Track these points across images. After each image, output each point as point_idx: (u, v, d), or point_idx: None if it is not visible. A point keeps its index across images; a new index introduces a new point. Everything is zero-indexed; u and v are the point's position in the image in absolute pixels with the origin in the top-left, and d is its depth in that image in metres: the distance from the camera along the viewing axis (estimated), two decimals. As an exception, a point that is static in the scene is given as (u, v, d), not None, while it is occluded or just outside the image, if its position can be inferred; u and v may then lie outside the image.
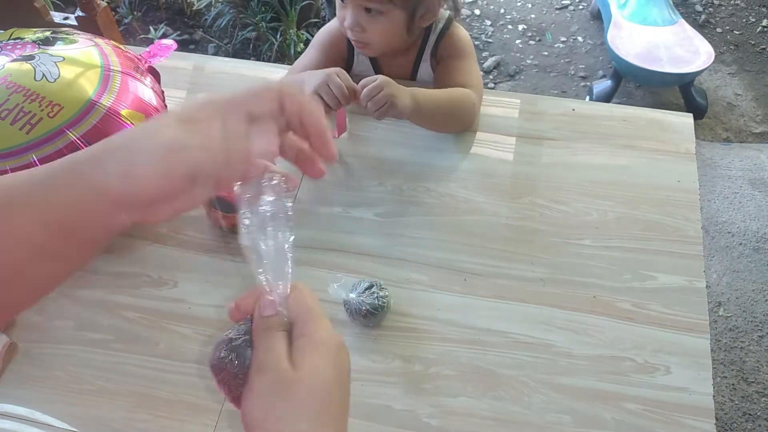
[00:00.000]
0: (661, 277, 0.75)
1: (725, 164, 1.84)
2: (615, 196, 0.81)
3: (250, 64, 1.00)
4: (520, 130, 0.88)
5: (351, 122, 0.90)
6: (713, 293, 1.58)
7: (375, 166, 0.85)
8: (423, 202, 0.82)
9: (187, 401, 0.69)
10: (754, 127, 2.06)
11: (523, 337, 0.71)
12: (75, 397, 0.69)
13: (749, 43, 2.28)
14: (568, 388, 0.68)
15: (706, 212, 1.70)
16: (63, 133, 0.67)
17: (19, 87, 0.68)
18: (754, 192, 1.76)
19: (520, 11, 2.44)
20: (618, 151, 0.85)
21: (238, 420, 0.70)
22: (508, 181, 0.83)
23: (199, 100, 0.37)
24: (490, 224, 0.79)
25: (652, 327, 0.71)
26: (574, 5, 2.44)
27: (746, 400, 1.42)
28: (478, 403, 0.67)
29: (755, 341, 1.51)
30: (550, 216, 0.80)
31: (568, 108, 0.90)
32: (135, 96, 0.73)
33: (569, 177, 0.83)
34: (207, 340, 0.72)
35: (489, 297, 0.74)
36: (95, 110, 0.69)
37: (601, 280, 0.75)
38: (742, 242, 1.65)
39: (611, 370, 0.69)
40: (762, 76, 2.19)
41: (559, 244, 0.78)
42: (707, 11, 2.36)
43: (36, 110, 0.66)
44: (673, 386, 0.68)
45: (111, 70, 0.73)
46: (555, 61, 2.28)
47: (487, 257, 0.77)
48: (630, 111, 0.90)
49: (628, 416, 0.66)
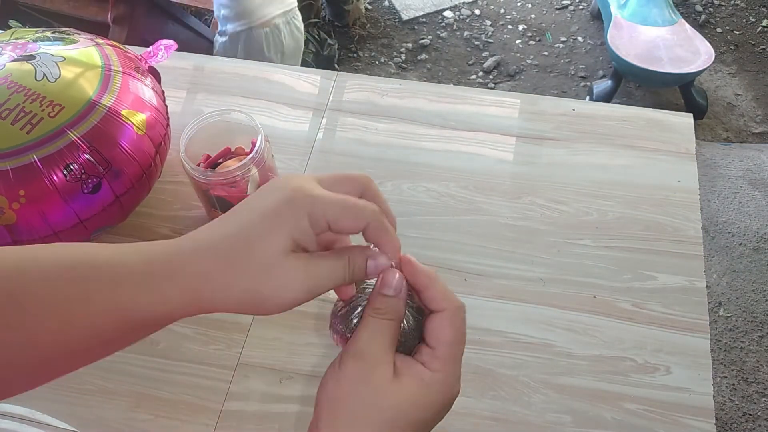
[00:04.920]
0: (661, 277, 0.75)
1: (725, 164, 1.84)
2: (615, 196, 0.81)
3: (250, 64, 1.00)
4: (520, 130, 0.88)
5: (347, 123, 0.90)
6: (713, 293, 1.58)
7: (375, 166, 0.85)
8: (423, 202, 0.82)
9: (187, 401, 0.69)
10: (754, 127, 2.06)
11: (523, 337, 0.71)
12: (75, 397, 0.69)
13: (749, 43, 2.28)
14: (568, 388, 0.68)
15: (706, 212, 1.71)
16: (64, 132, 0.67)
17: (20, 87, 0.68)
18: (754, 192, 1.76)
19: (520, 11, 2.44)
20: (618, 151, 0.85)
21: (238, 420, 0.70)
22: (508, 181, 0.83)
23: (289, 203, 0.33)
24: (490, 224, 0.80)
25: (652, 327, 0.71)
26: (574, 5, 2.44)
27: (746, 400, 1.43)
28: (478, 403, 0.67)
29: (755, 341, 1.51)
30: (550, 216, 0.80)
31: (568, 108, 0.90)
32: (136, 96, 0.73)
33: (569, 177, 0.83)
34: (207, 340, 0.72)
35: (489, 297, 0.74)
36: (96, 110, 0.69)
37: (601, 280, 0.75)
38: (742, 242, 1.65)
39: (611, 370, 0.69)
40: (762, 76, 2.19)
41: (559, 244, 0.78)
42: (707, 11, 2.36)
43: (37, 110, 0.66)
44: (673, 386, 0.68)
45: (111, 70, 0.73)
46: (555, 61, 2.28)
47: (487, 257, 0.77)
48: (630, 111, 0.90)
49: (628, 416, 0.66)
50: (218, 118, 0.74)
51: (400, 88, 0.93)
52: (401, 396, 0.32)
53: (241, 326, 0.73)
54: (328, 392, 0.34)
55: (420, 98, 0.92)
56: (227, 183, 0.71)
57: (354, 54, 2.35)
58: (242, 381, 0.70)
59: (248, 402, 0.69)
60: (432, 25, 2.41)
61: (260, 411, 0.68)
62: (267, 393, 0.69)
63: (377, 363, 0.33)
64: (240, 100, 0.93)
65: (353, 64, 2.32)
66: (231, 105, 0.91)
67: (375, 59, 2.33)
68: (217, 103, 0.92)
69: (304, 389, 0.69)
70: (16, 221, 0.66)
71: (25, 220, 0.66)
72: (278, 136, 0.88)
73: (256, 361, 0.71)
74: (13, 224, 0.66)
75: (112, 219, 0.74)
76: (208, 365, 0.71)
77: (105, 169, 0.69)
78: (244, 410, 0.68)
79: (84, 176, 0.68)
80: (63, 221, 0.68)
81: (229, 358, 0.71)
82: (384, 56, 2.34)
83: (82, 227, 0.70)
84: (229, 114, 0.74)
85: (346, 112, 0.91)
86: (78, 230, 0.70)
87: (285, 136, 0.88)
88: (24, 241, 0.68)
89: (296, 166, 0.86)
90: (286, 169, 0.85)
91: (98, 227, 0.73)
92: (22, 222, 0.66)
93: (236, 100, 0.93)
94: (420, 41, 2.37)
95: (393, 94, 0.92)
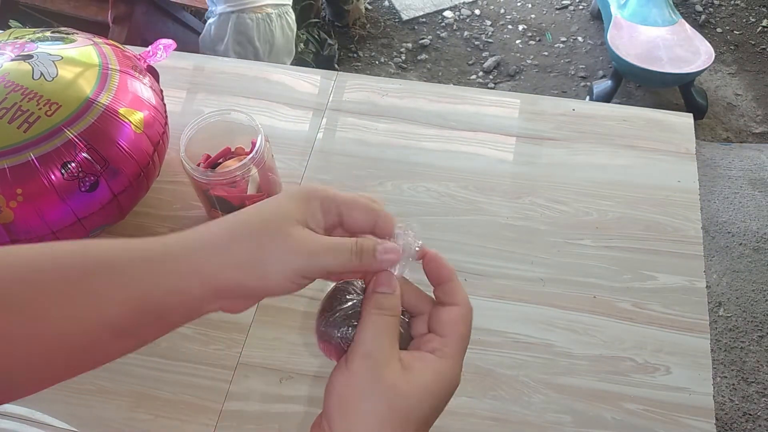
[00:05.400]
0: (661, 277, 0.75)
1: (725, 164, 1.84)
2: (615, 196, 0.81)
3: (250, 64, 1.00)
4: (520, 130, 0.88)
5: (347, 123, 0.90)
6: (713, 293, 1.58)
7: (375, 166, 0.85)
8: (423, 202, 0.82)
9: (187, 401, 0.69)
10: (754, 127, 2.06)
11: (523, 337, 0.71)
12: (75, 397, 0.69)
13: (749, 43, 2.28)
14: (568, 388, 0.68)
15: (706, 212, 1.70)
16: (61, 131, 0.66)
17: (17, 86, 0.68)
18: (754, 192, 1.76)
19: (520, 11, 2.44)
20: (618, 151, 0.85)
21: (238, 420, 0.70)
22: (508, 181, 0.83)
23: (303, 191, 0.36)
24: (490, 224, 0.79)
25: (652, 327, 0.71)
26: (574, 5, 2.44)
27: (746, 400, 1.42)
28: (478, 403, 0.67)
29: (755, 341, 1.51)
30: (550, 216, 0.80)
31: (568, 108, 0.90)
32: (133, 95, 0.73)
33: (569, 177, 0.83)
34: (207, 340, 0.72)
35: (489, 297, 0.74)
36: (93, 108, 0.69)
37: (601, 280, 0.75)
38: (742, 242, 1.65)
39: (611, 370, 0.69)
40: (762, 76, 2.19)
41: (559, 244, 0.77)
42: (707, 11, 2.36)
43: (34, 109, 0.66)
44: (673, 386, 0.68)
45: (109, 69, 0.73)
46: (555, 61, 2.28)
47: (487, 257, 0.77)
48: (630, 111, 0.90)
49: (628, 416, 0.66)
50: (218, 118, 0.74)
51: (400, 88, 0.93)
52: (414, 387, 0.33)
53: (241, 326, 0.73)
54: (338, 394, 0.34)
55: (420, 98, 0.91)
56: (227, 183, 0.71)
57: (354, 54, 2.34)
58: (242, 381, 0.70)
59: (248, 402, 0.68)
60: (432, 25, 2.41)
61: (260, 411, 0.68)
62: (267, 393, 0.69)
63: (387, 359, 0.33)
64: (240, 100, 0.92)
65: (353, 64, 2.32)
66: (231, 105, 0.91)
67: (375, 59, 2.33)
68: (217, 103, 0.92)
69: (304, 389, 0.69)
70: (13, 220, 0.66)
71: (22, 218, 0.66)
72: (278, 136, 0.88)
73: (256, 361, 0.71)
74: (11, 223, 0.66)
75: (110, 218, 0.73)
76: (208, 365, 0.71)
77: (102, 167, 0.69)
78: (244, 410, 0.68)
79: (81, 175, 0.67)
80: (60, 220, 0.68)
81: (229, 358, 0.71)
82: (384, 56, 2.34)
83: (80, 226, 0.70)
84: (229, 114, 0.74)
85: (346, 112, 0.91)
86: (76, 229, 0.70)
87: (285, 136, 0.88)
88: (21, 240, 0.68)
89: (296, 166, 0.86)
90: (286, 169, 0.85)
91: (96, 226, 0.72)
92: (20, 220, 0.66)
93: (236, 100, 0.92)
94: (420, 41, 2.37)
95: (393, 94, 0.92)
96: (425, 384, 0.33)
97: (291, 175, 0.84)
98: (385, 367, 0.33)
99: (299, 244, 0.33)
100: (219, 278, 0.33)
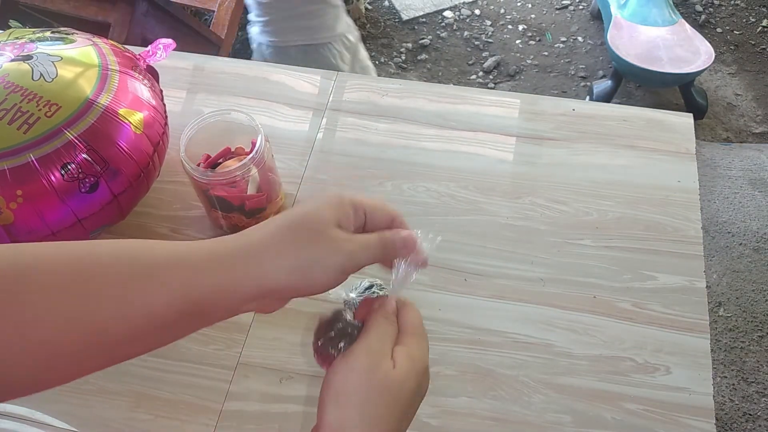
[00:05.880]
0: (661, 277, 0.75)
1: (725, 164, 1.84)
2: (615, 196, 0.81)
3: (250, 63, 1.00)
4: (520, 130, 0.88)
5: (347, 123, 0.90)
6: (713, 293, 1.58)
7: (375, 166, 0.85)
8: (423, 202, 0.82)
9: (187, 401, 0.69)
10: (754, 127, 2.06)
11: (523, 337, 0.71)
12: (75, 397, 0.69)
13: (749, 43, 2.28)
14: (568, 388, 0.68)
15: (706, 212, 1.70)
16: (61, 132, 0.66)
17: (17, 87, 0.67)
18: (754, 192, 1.76)
19: (520, 11, 2.44)
20: (618, 151, 0.85)
21: (238, 420, 0.70)
22: (508, 181, 0.83)
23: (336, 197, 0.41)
24: (490, 224, 0.79)
25: (652, 327, 0.71)
26: (574, 5, 2.44)
27: (746, 400, 1.42)
28: (478, 403, 0.67)
29: (755, 341, 1.51)
30: (550, 216, 0.80)
31: (568, 108, 0.90)
32: (133, 95, 0.73)
33: (569, 177, 0.83)
34: (207, 340, 0.72)
35: (489, 297, 0.74)
36: (93, 109, 0.69)
37: (601, 280, 0.75)
38: (742, 242, 1.65)
39: (611, 370, 0.69)
40: (762, 76, 2.19)
41: (559, 244, 0.77)
42: (707, 11, 2.36)
43: (33, 110, 0.66)
44: (673, 386, 0.68)
45: (109, 69, 0.73)
46: (555, 61, 2.28)
47: (487, 257, 0.77)
48: (630, 111, 0.90)
49: (628, 416, 0.66)
50: (218, 118, 0.74)
51: (400, 88, 0.93)
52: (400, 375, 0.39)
53: (241, 326, 0.73)
54: (335, 387, 0.39)
55: (420, 98, 0.91)
56: (227, 183, 0.71)
57: (354, 54, 2.34)
58: (242, 381, 0.70)
59: (248, 402, 0.68)
60: (432, 25, 2.41)
61: (260, 411, 0.68)
62: (267, 393, 0.69)
63: (384, 356, 0.40)
64: (240, 100, 0.92)
65: (353, 64, 2.31)
66: (231, 105, 0.91)
67: (375, 59, 2.33)
68: (217, 103, 0.92)
69: (304, 389, 0.69)
70: (13, 221, 0.66)
71: (22, 219, 0.66)
72: (278, 136, 0.88)
73: (256, 361, 0.71)
74: (11, 224, 0.66)
75: (110, 218, 0.73)
76: (208, 365, 0.71)
77: (102, 168, 0.69)
78: (244, 410, 0.68)
79: (81, 175, 0.67)
80: (61, 221, 0.68)
81: (229, 358, 0.71)
82: (384, 56, 2.34)
83: (80, 227, 0.70)
84: (229, 114, 0.74)
85: (346, 112, 0.91)
86: (76, 230, 0.70)
87: (285, 136, 0.88)
88: (22, 241, 0.68)
89: (296, 166, 0.86)
90: (286, 169, 0.85)
91: (96, 227, 0.72)
92: (20, 222, 0.66)
93: (236, 100, 0.92)
94: (420, 41, 2.37)
95: (393, 94, 0.92)
96: (407, 370, 0.40)
97: (291, 175, 0.84)
98: (381, 362, 0.39)
99: (341, 245, 0.39)
100: (271, 281, 0.37)
